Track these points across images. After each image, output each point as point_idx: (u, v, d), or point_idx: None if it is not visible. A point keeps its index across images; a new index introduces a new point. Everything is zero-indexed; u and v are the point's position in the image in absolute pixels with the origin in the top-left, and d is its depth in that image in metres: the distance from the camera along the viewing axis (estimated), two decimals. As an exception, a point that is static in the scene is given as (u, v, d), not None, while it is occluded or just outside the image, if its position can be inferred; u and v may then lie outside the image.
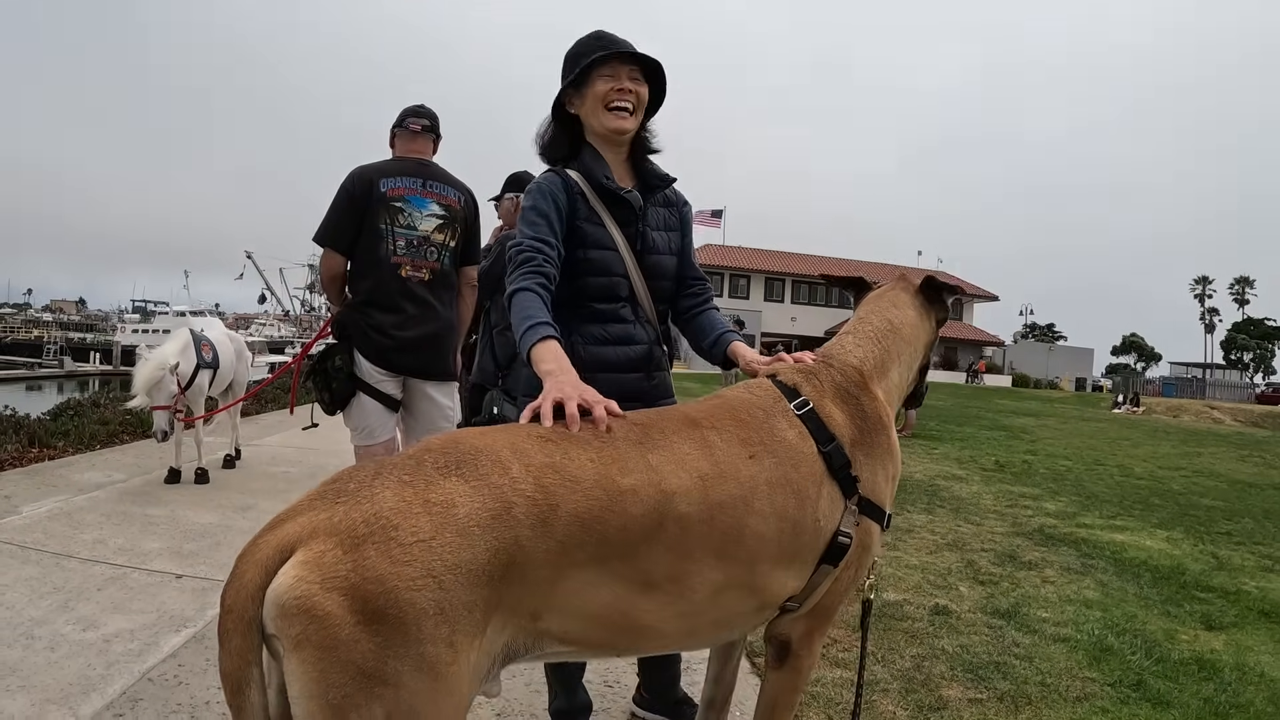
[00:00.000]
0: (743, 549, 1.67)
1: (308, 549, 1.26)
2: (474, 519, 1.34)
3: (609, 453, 1.58)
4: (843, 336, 2.21)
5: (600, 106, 2.28)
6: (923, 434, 14.76)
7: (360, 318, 3.57)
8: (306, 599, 1.22)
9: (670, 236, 2.51)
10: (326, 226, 3.61)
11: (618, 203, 2.35)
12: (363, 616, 1.22)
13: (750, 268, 55.26)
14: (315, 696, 1.22)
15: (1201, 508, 8.79)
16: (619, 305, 2.38)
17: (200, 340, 6.80)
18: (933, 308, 2.36)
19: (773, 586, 1.77)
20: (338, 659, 1.21)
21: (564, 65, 2.35)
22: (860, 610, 2.23)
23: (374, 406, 3.60)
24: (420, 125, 3.82)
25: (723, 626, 1.79)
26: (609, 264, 2.33)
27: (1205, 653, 3.96)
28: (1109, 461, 12.90)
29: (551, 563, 1.43)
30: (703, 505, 1.61)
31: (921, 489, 8.45)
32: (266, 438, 9.36)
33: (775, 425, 1.83)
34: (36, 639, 3.32)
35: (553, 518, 1.43)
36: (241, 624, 1.27)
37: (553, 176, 2.32)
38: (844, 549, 1.83)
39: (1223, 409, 33.39)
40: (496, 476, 1.41)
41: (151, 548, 4.66)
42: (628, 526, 1.51)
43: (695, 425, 1.75)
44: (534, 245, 2.14)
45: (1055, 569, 5.41)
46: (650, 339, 2.45)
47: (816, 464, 1.81)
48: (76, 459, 7.39)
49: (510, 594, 1.39)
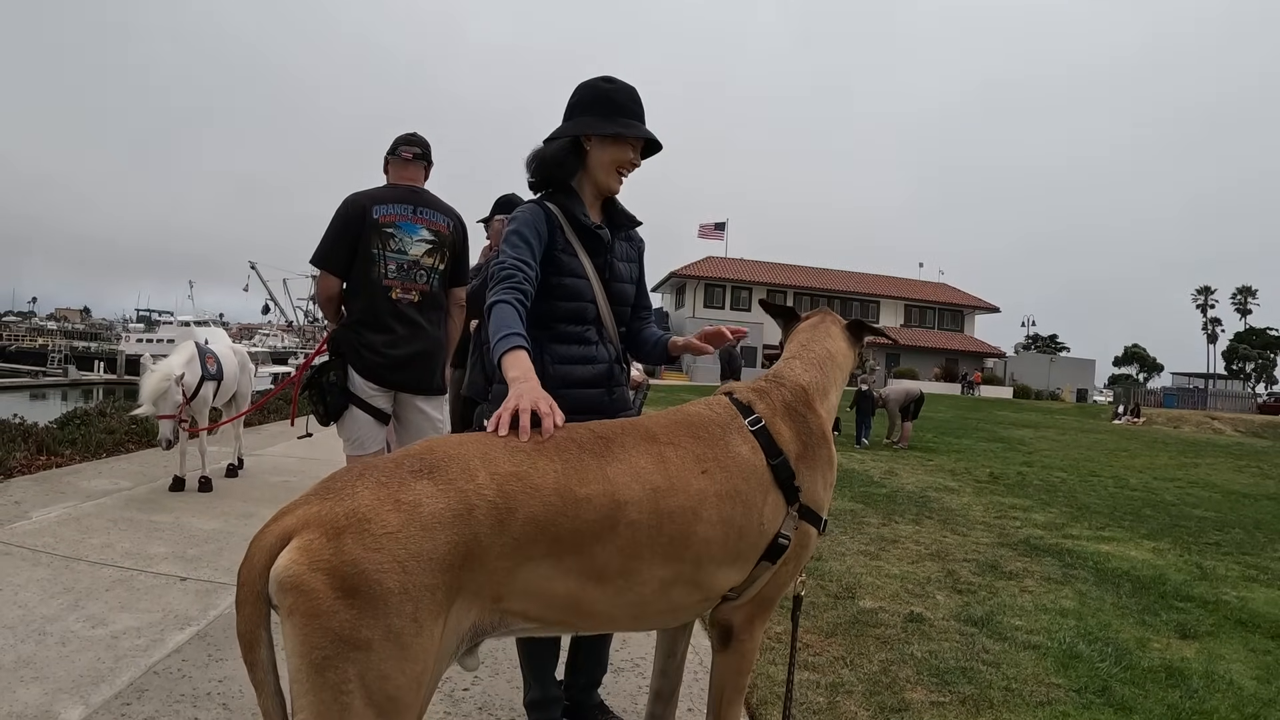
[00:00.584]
0: (689, 551, 1.87)
1: (301, 537, 1.51)
2: (436, 517, 1.56)
3: (571, 464, 1.77)
4: (790, 360, 2.42)
5: (612, 168, 2.55)
6: (919, 445, 14.88)
7: (354, 336, 3.74)
8: (297, 577, 1.47)
9: (630, 267, 2.76)
10: (322, 250, 3.80)
11: (590, 236, 2.57)
12: (341, 592, 1.46)
13: (752, 279, 55.44)
14: (302, 655, 1.47)
15: (1193, 518, 8.91)
16: (585, 328, 2.59)
17: (205, 353, 7.00)
18: (856, 343, 2.60)
19: (716, 582, 1.98)
20: (320, 625, 1.46)
21: (596, 104, 2.53)
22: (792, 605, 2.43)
23: (365, 419, 3.78)
24: (412, 153, 4.01)
25: (668, 614, 2.00)
26: (580, 290, 2.55)
27: (1175, 660, 4.08)
28: (1104, 473, 13.01)
29: (509, 555, 1.64)
30: (653, 514, 1.81)
31: (912, 500, 8.57)
32: (269, 448, 9.54)
33: (730, 440, 2.03)
34: (49, 635, 3.49)
35: (510, 520, 1.64)
36: (252, 595, 1.54)
37: (536, 209, 2.52)
38: (783, 549, 2.05)
39: (1223, 419, 33.37)
40: (463, 481, 1.63)
41: (157, 552, 4.82)
42: (580, 530, 1.72)
43: (654, 440, 1.94)
44: (515, 264, 2.32)
45: (1035, 579, 5.53)
46: (611, 358, 2.65)
47: (765, 476, 2.02)
48: (84, 466, 7.55)
49: (471, 580, 1.61)
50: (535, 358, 2.36)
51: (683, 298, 56.28)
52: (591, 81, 2.58)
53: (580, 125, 2.52)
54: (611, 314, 2.65)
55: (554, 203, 2.55)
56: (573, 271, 2.54)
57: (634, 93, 2.56)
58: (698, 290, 54.91)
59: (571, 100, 2.58)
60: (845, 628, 4.16)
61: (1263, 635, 4.63)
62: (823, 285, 56.64)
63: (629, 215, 2.74)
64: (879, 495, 8.75)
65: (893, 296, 59.06)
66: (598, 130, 2.50)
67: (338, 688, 1.46)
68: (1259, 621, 4.86)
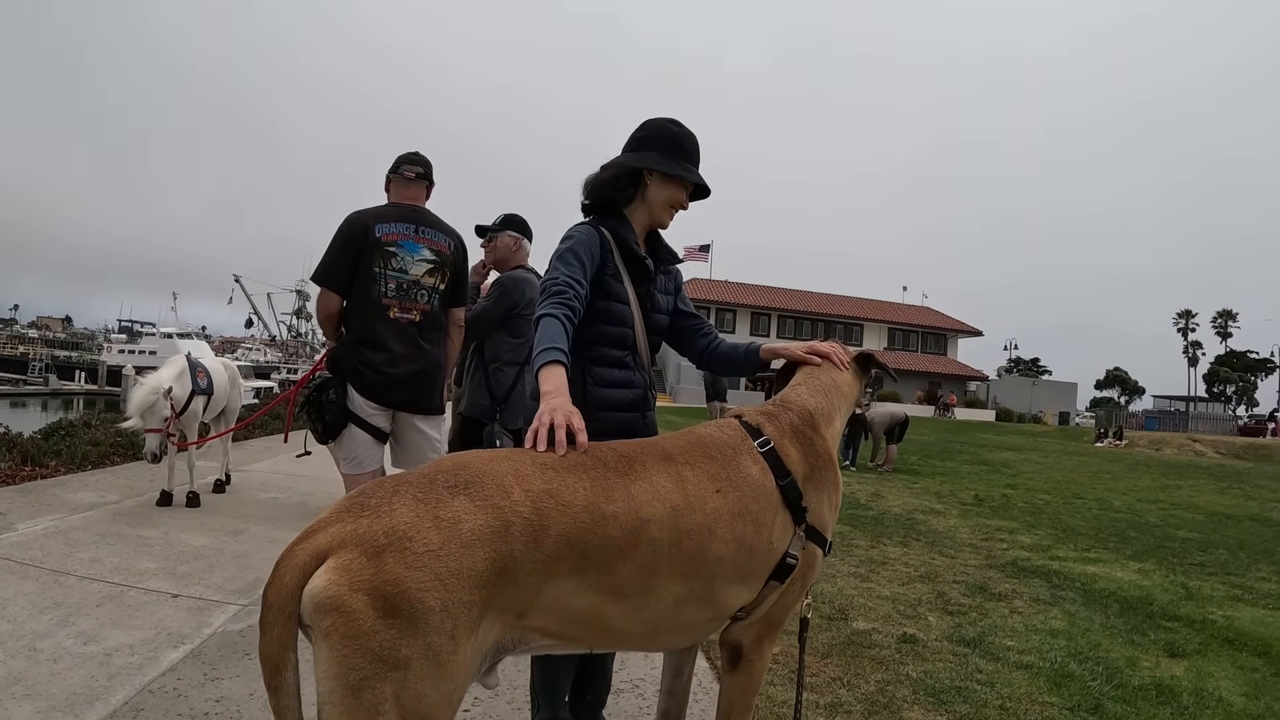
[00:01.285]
0: (704, 568, 1.92)
1: (338, 556, 1.50)
2: (476, 534, 1.59)
3: (599, 482, 1.82)
4: (797, 387, 2.49)
5: (667, 205, 2.66)
6: (904, 469, 14.92)
7: (354, 355, 3.75)
8: (337, 597, 1.46)
9: (668, 299, 2.85)
10: (324, 267, 3.80)
11: (637, 265, 2.66)
12: (382, 612, 1.46)
13: (737, 302, 55.72)
14: (338, 677, 1.46)
15: (1177, 540, 8.97)
16: (625, 353, 2.67)
17: (196, 366, 6.98)
18: (862, 374, 2.70)
19: (728, 600, 2.03)
20: (359, 646, 1.45)
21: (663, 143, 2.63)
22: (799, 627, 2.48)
23: (364, 438, 3.78)
24: (415, 173, 4.03)
25: (680, 632, 2.04)
26: (623, 316, 2.63)
27: (1165, 679, 4.11)
28: (1088, 495, 13.09)
29: (539, 571, 1.67)
30: (673, 531, 1.86)
31: (899, 522, 8.60)
32: (255, 464, 9.49)
33: (741, 461, 2.09)
34: (39, 651, 3.45)
35: (544, 536, 1.67)
36: (281, 617, 1.51)
37: (591, 231, 2.58)
38: (791, 568, 2.10)
39: (1205, 441, 33.67)
40: (499, 498, 1.66)
41: (147, 567, 4.77)
42: (606, 546, 1.76)
43: (671, 460, 1.99)
44: (567, 281, 2.36)
45: (1024, 600, 5.56)
46: (645, 384, 2.74)
47: (774, 496, 2.08)
48: (69, 478, 7.49)
49: (502, 595, 1.63)
50: (577, 378, 2.47)
51: (668, 319, 56.10)
52: (660, 121, 2.67)
53: (646, 159, 2.61)
54: (647, 343, 2.73)
55: (607, 228, 2.62)
56: (619, 297, 2.62)
57: (696, 141, 2.68)
58: (682, 313, 54.84)
59: (638, 134, 2.66)
60: (840, 648, 4.18)
61: (1250, 653, 4.67)
62: (807, 308, 56.94)
63: (671, 251, 2.84)
64: (866, 518, 8.78)
65: (876, 320, 59.40)
66: (662, 167, 2.59)
67: (373, 708, 1.46)
68: (1245, 640, 4.90)
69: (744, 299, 56.07)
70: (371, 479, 3.79)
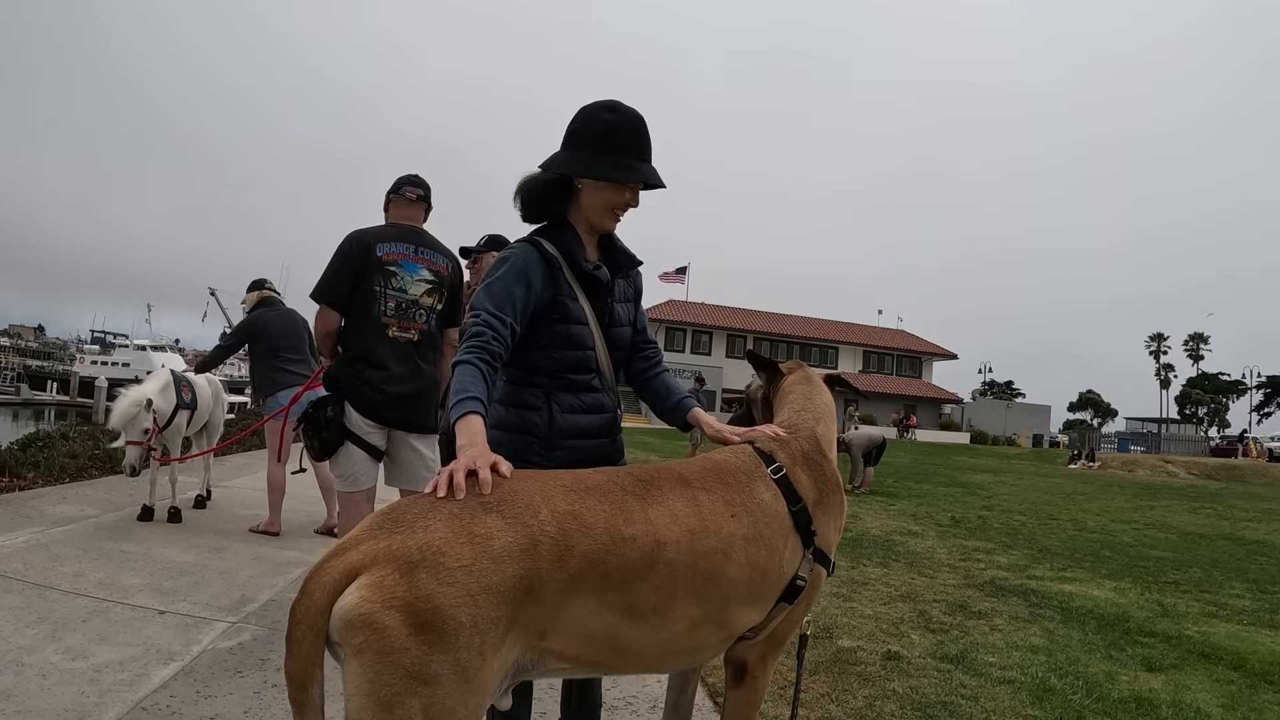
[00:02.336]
0: (719, 591, 1.97)
1: (371, 573, 1.52)
2: (507, 550, 1.63)
3: (618, 505, 1.86)
4: (801, 412, 2.51)
5: (606, 210, 2.41)
6: (880, 490, 14.99)
7: (352, 373, 3.79)
8: (370, 615, 1.48)
9: (628, 308, 2.65)
10: (324, 285, 3.85)
11: (590, 280, 2.46)
12: (414, 628, 1.49)
13: (712, 324, 55.87)
14: (369, 694, 1.48)
15: (1151, 559, 9.08)
16: (590, 376, 2.52)
17: (181, 381, 7.00)
18: (838, 399, 2.78)
19: (739, 621, 2.08)
20: (391, 663, 1.47)
21: (592, 140, 2.34)
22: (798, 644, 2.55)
23: (361, 456, 3.81)
24: (416, 194, 4.11)
25: (692, 654, 2.08)
26: (584, 338, 2.46)
27: (1144, 691, 4.19)
28: (1063, 516, 13.20)
29: (562, 591, 1.71)
30: (689, 554, 1.90)
31: (878, 544, 8.66)
32: (235, 479, 9.48)
33: (755, 488, 2.13)
34: (27, 666, 3.43)
35: (568, 556, 1.71)
36: (310, 634, 1.53)
37: (531, 252, 2.37)
38: (799, 590, 2.15)
39: (1177, 462, 33.92)
40: (528, 517, 1.70)
41: (131, 583, 4.76)
42: (625, 567, 1.80)
43: (688, 485, 2.03)
44: (487, 322, 2.20)
45: (1004, 618, 5.64)
46: (613, 406, 2.62)
47: (786, 521, 2.13)
48: (47, 491, 7.45)
49: (525, 614, 1.66)
50: (543, 407, 2.41)
51: (643, 341, 56.18)
52: (593, 110, 2.36)
53: (571, 163, 2.35)
54: (609, 360, 2.57)
55: (552, 242, 2.41)
56: (578, 318, 2.43)
57: (638, 125, 2.36)
58: (659, 334, 54.87)
59: (572, 127, 2.37)
60: (827, 665, 4.23)
61: (1225, 666, 4.76)
62: (782, 331, 57.17)
63: (629, 255, 2.61)
64: (845, 539, 8.77)
65: (852, 343, 59.72)
66: (589, 173, 2.34)
67: None
68: (1221, 654, 4.99)
69: (720, 321, 56.25)
70: (365, 497, 3.82)
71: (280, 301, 7.32)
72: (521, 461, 2.16)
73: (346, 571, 1.54)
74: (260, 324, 6.86)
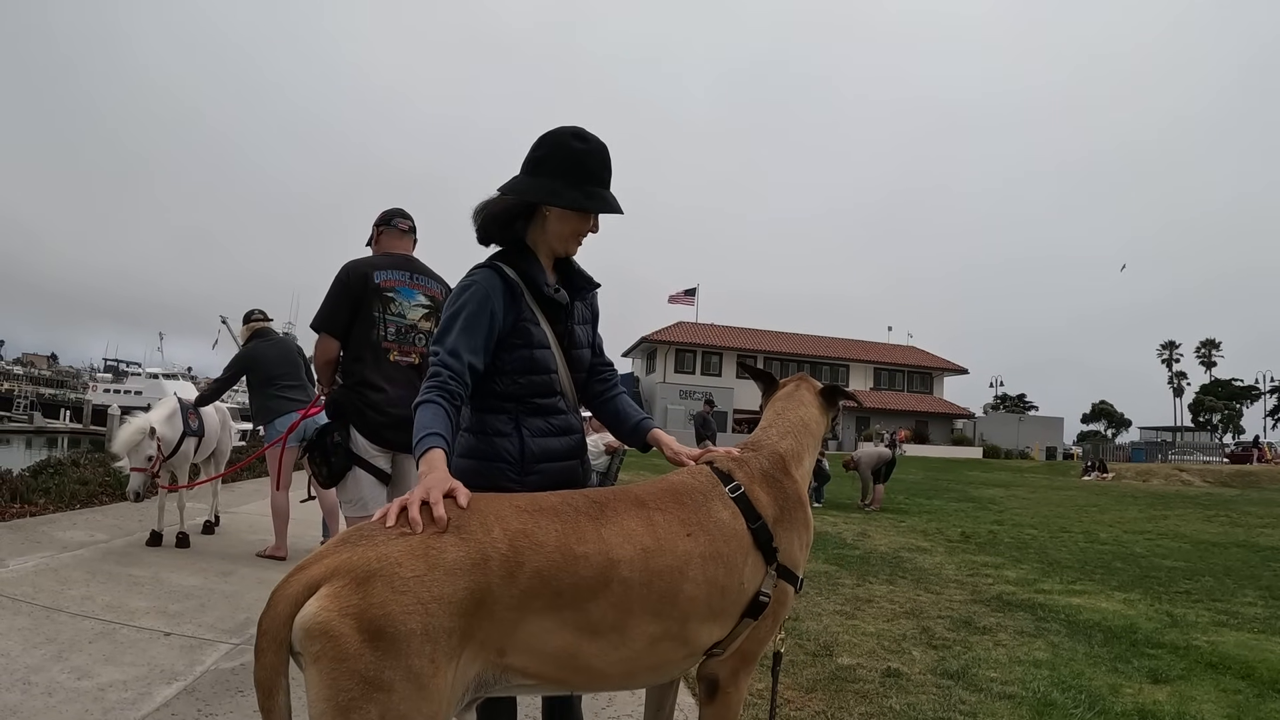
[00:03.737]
0: (677, 609, 1.97)
1: (329, 585, 1.60)
2: (458, 564, 1.68)
3: (570, 525, 1.90)
4: (766, 429, 2.52)
5: (572, 238, 2.45)
6: (891, 507, 14.95)
7: (355, 398, 3.84)
8: (326, 623, 1.55)
9: (586, 330, 2.65)
10: (324, 314, 3.95)
11: (551, 305, 2.48)
12: (368, 636, 1.55)
13: (723, 345, 55.89)
14: (328, 699, 1.54)
15: (1163, 569, 9.02)
16: (557, 399, 2.52)
17: (187, 408, 7.09)
18: (830, 408, 2.68)
19: (701, 638, 2.07)
20: (347, 669, 1.54)
21: (564, 169, 2.35)
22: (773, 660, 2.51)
23: (368, 480, 3.85)
24: (407, 225, 4.27)
25: (656, 671, 2.08)
26: (547, 362, 2.47)
27: (1148, 704, 4.14)
28: (1074, 528, 13.13)
29: (515, 607, 1.75)
30: (643, 572, 1.92)
31: (885, 561, 8.62)
32: (244, 505, 9.55)
33: (712, 506, 2.14)
34: (33, 685, 3.48)
35: (519, 572, 1.76)
36: (275, 644, 1.60)
37: (493, 279, 2.38)
38: (763, 606, 2.14)
39: (1191, 470, 33.73)
40: (481, 534, 1.76)
41: (138, 606, 4.80)
42: (579, 584, 1.83)
43: (643, 505, 2.06)
44: (443, 362, 2.24)
45: (1009, 633, 5.59)
46: (580, 427, 2.62)
47: (745, 538, 2.13)
48: (58, 517, 7.53)
49: (481, 628, 1.71)
50: (513, 434, 2.43)
51: (654, 363, 56.59)
52: (562, 137, 2.35)
53: (542, 191, 2.35)
54: (571, 382, 2.58)
55: (513, 267, 2.42)
56: (541, 342, 2.45)
57: (605, 155, 2.38)
58: (669, 355, 55.28)
59: (539, 153, 2.36)
60: (825, 683, 4.19)
61: (1233, 676, 4.71)
62: (793, 350, 57.16)
63: (587, 277, 2.63)
64: (853, 557, 8.79)
65: (862, 360, 59.67)
66: (559, 201, 2.35)
67: None
68: (1229, 664, 4.94)
69: (730, 342, 56.28)
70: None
71: (274, 331, 7.44)
72: (495, 489, 2.20)
73: (308, 584, 1.62)
74: (254, 355, 7.00)
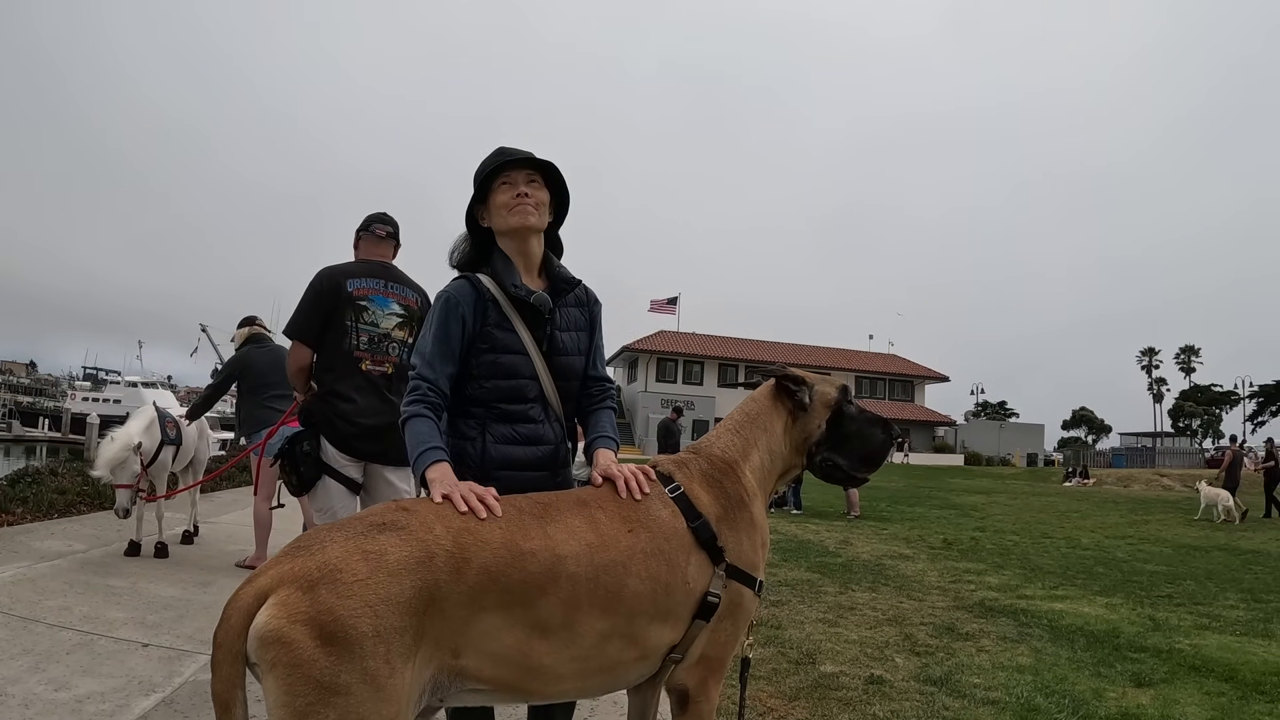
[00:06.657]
0: (622, 604, 1.99)
1: (278, 594, 1.61)
2: (402, 564, 1.70)
3: (515, 522, 1.93)
4: (713, 432, 2.52)
5: (504, 210, 2.45)
6: (872, 515, 14.95)
7: (326, 407, 3.78)
8: (278, 631, 1.57)
9: (579, 337, 2.61)
10: (296, 321, 3.89)
11: (527, 307, 2.46)
12: (320, 641, 1.57)
13: (704, 354, 55.97)
14: (286, 705, 1.56)
15: (1145, 573, 9.05)
16: (528, 406, 2.48)
17: (165, 417, 7.01)
18: (782, 397, 2.54)
19: (650, 638, 2.07)
20: (302, 674, 1.56)
21: (473, 183, 2.53)
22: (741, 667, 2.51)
23: (338, 489, 3.79)
24: (385, 231, 4.18)
25: (609, 673, 2.06)
26: (517, 367, 2.45)
27: (1131, 708, 4.13)
28: (1056, 534, 13.18)
29: (465, 604, 1.77)
30: (589, 567, 1.95)
31: (867, 568, 8.60)
32: (222, 515, 9.47)
33: (651, 505, 2.18)
34: (10, 696, 3.43)
35: (466, 568, 1.78)
36: (230, 656, 1.62)
37: (464, 286, 2.45)
38: (714, 607, 2.13)
39: (1172, 476, 33.90)
40: (423, 532, 1.78)
41: (116, 617, 4.73)
42: (527, 581, 1.86)
43: (585, 505, 2.11)
44: (421, 375, 2.34)
45: (992, 639, 5.58)
46: (558, 438, 2.56)
47: (686, 537, 2.14)
48: (35, 526, 7.47)
49: (433, 627, 1.73)
50: (476, 437, 2.45)
51: (635, 372, 56.55)
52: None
53: (468, 210, 2.55)
54: (556, 390, 2.54)
55: (486, 274, 2.47)
56: (508, 347, 2.44)
57: (496, 150, 2.53)
58: (650, 364, 55.28)
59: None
60: (808, 691, 4.16)
61: (1216, 678, 4.72)
62: (774, 359, 57.06)
63: (566, 278, 2.60)
64: (835, 565, 8.77)
65: (843, 368, 59.71)
66: (473, 201, 2.53)
67: None
68: (1212, 666, 4.95)
69: (712, 350, 56.38)
70: None
71: (269, 339, 7.38)
72: None
73: (257, 595, 1.63)
74: (246, 361, 6.96)
